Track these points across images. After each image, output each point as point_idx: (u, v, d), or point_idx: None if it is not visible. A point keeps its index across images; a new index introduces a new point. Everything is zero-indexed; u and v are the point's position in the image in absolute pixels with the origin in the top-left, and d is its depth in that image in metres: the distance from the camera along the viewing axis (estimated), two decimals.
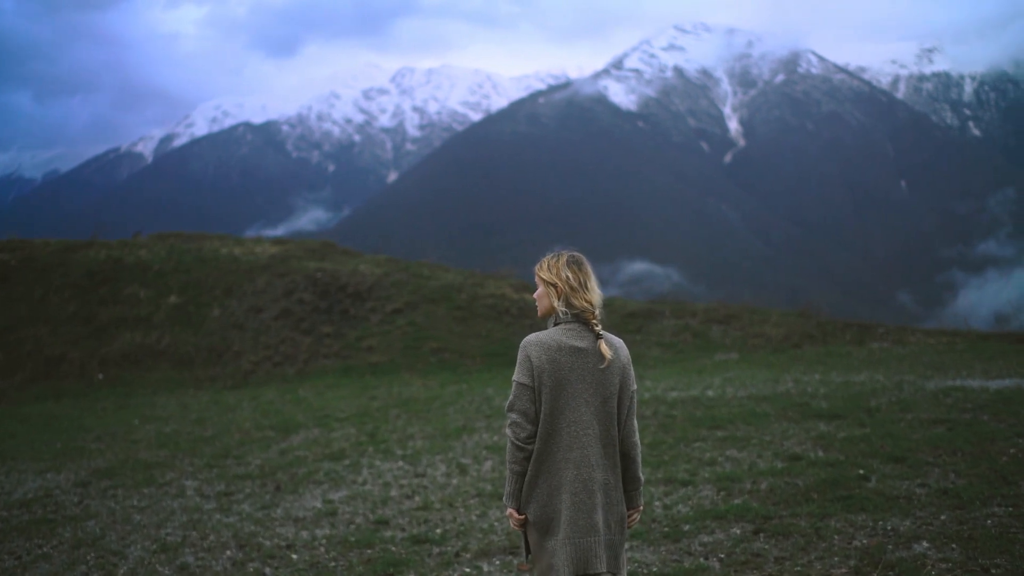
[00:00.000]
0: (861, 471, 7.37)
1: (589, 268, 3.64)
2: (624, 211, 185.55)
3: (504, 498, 3.67)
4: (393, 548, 6.55)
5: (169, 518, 7.76)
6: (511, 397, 3.56)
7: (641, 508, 3.80)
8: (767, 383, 13.53)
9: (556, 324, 3.61)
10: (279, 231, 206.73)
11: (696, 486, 7.52)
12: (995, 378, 12.60)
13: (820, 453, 8.24)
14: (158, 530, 7.38)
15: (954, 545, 5.46)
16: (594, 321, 3.56)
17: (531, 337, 3.57)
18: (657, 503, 7.13)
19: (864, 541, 5.69)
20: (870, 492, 6.72)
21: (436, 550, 6.45)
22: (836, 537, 5.82)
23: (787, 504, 6.66)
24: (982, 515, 5.95)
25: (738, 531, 6.19)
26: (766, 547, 5.80)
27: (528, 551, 3.69)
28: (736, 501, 6.88)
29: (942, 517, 6.00)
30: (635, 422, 3.66)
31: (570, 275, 3.58)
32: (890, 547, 5.53)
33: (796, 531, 6.00)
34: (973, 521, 5.84)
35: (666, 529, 6.42)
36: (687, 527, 6.39)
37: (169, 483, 9.18)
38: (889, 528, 5.88)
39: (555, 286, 3.60)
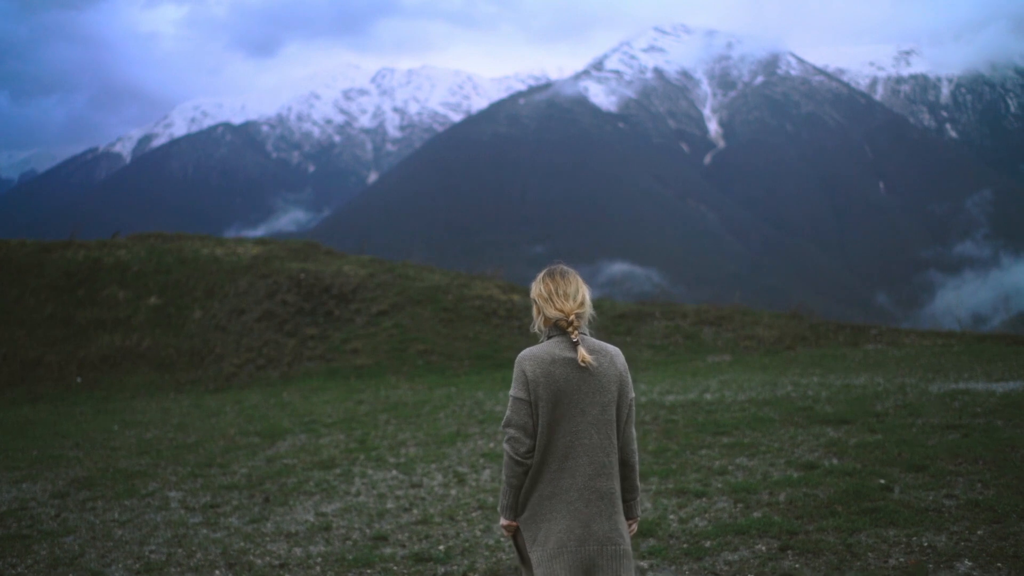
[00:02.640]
0: (882, 481, 7.02)
1: (565, 278, 3.62)
2: (604, 212, 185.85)
3: (500, 510, 3.64)
4: (394, 567, 6.12)
5: (152, 533, 7.30)
6: (508, 412, 3.54)
7: (638, 518, 3.76)
8: (765, 386, 13.24)
9: (549, 338, 3.60)
10: (259, 232, 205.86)
11: (710, 497, 7.14)
12: (999, 381, 12.35)
13: (835, 461, 7.90)
14: (141, 547, 6.92)
15: (999, 564, 5.09)
16: (569, 329, 3.52)
17: (525, 352, 3.56)
18: (672, 516, 6.74)
19: (901, 559, 5.32)
20: (896, 504, 6.36)
21: (441, 570, 6.02)
22: (870, 555, 5.44)
23: (811, 517, 6.29)
24: (1022, 530, 5.61)
25: (763, 548, 5.80)
26: (796, 566, 5.41)
27: (523, 560, 3.66)
28: (756, 514, 6.51)
29: (979, 532, 5.65)
30: (633, 430, 3.62)
31: (543, 288, 3.61)
32: (931, 566, 5.17)
33: (826, 548, 5.62)
34: (1014, 537, 5.48)
35: (685, 546, 6.02)
36: (708, 543, 6.00)
37: (152, 494, 8.71)
38: (925, 544, 5.52)
39: (536, 302, 3.63)
